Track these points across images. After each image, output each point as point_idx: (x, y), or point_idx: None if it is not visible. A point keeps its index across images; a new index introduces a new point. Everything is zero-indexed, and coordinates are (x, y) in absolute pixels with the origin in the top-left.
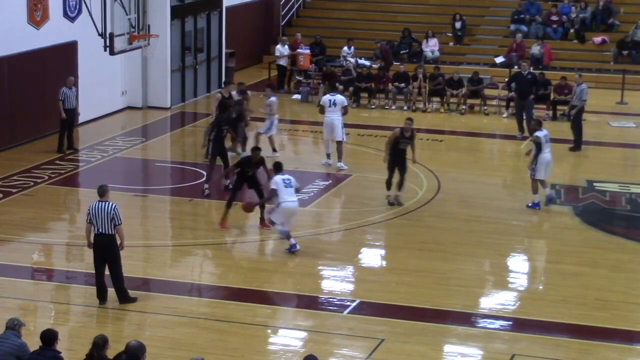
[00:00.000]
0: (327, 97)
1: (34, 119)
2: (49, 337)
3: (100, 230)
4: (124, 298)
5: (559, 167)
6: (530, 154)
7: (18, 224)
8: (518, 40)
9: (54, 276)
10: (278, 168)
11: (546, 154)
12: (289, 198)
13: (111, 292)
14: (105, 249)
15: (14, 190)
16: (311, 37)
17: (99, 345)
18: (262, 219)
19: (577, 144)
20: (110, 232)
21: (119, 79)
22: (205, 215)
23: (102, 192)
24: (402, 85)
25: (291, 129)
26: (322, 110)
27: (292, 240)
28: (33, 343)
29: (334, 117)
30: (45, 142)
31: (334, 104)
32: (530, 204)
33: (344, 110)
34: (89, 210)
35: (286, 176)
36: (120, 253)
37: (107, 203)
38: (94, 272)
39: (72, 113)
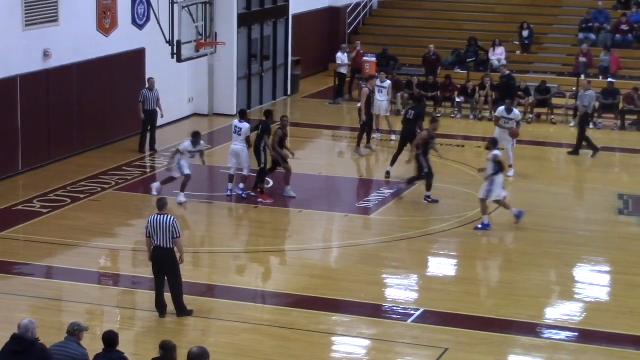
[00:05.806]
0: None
1: (102, 125)
2: (112, 338)
3: (160, 244)
4: (182, 311)
5: (627, 177)
6: (485, 172)
7: (85, 229)
8: (584, 50)
9: (120, 281)
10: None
11: (501, 174)
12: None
13: (169, 300)
14: (164, 262)
15: (81, 196)
16: (378, 45)
17: (171, 349)
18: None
19: (577, 148)
20: (169, 246)
21: (185, 86)
22: (271, 222)
23: (162, 205)
24: (462, 99)
25: (353, 136)
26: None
27: None
28: (98, 348)
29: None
30: (114, 147)
31: None
32: (479, 226)
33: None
34: (147, 224)
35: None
36: (179, 266)
37: (166, 216)
38: None
39: (152, 114)
